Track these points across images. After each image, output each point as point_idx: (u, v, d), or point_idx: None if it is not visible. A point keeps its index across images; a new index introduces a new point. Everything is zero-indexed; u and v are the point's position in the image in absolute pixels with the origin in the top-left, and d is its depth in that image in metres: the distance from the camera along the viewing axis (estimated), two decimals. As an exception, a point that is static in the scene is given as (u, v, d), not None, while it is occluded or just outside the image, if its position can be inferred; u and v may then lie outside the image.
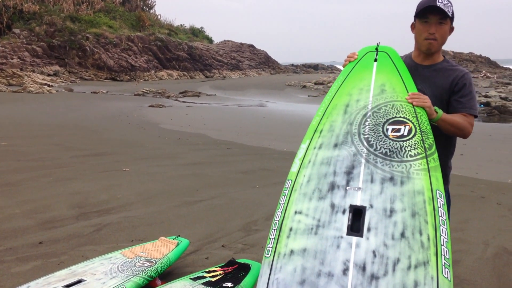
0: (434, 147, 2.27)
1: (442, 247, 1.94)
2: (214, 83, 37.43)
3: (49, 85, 28.65)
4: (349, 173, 2.21)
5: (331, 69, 62.47)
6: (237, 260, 3.53)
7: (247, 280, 3.16)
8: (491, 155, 9.69)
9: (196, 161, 8.41)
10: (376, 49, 2.65)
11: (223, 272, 3.34)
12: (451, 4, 2.53)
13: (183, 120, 15.03)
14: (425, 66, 2.65)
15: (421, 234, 1.96)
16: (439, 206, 2.06)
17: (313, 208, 2.13)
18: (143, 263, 3.33)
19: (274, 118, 16.68)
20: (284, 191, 2.26)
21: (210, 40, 56.36)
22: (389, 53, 2.64)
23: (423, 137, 2.28)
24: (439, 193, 2.10)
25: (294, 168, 2.33)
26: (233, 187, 6.56)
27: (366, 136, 2.32)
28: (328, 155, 2.30)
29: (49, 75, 33.70)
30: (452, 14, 2.52)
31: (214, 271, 3.36)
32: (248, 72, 51.05)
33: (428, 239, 1.94)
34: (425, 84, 2.62)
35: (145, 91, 27.71)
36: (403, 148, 2.25)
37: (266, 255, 2.07)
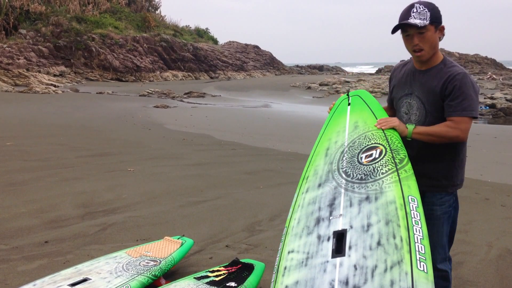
0: (406, 159, 2.43)
1: (416, 244, 2.06)
2: (219, 84, 37.49)
3: (55, 86, 28.80)
4: (332, 204, 2.41)
5: (336, 70, 62.41)
6: (240, 260, 3.55)
7: (251, 280, 3.18)
8: (496, 157, 9.67)
9: (201, 161, 8.45)
10: (348, 95, 2.91)
11: (227, 271, 3.36)
12: (427, 9, 2.46)
13: (187, 121, 15.07)
14: (422, 71, 2.62)
15: (394, 237, 2.11)
16: (411, 209, 2.20)
17: (303, 244, 2.31)
18: (147, 262, 3.36)
19: (278, 119, 16.70)
20: (282, 239, 2.45)
21: (215, 41, 56.45)
22: (361, 94, 2.91)
23: (394, 154, 2.47)
24: (411, 198, 2.25)
25: (288, 216, 2.54)
26: (237, 187, 6.58)
27: (344, 169, 2.53)
28: (314, 195, 2.52)
29: (55, 75, 33.87)
30: (432, 18, 2.44)
31: (218, 270, 3.38)
32: (253, 73, 51.08)
33: (401, 240, 2.08)
34: (420, 90, 2.61)
35: (150, 91, 27.80)
36: (375, 169, 2.44)
37: None
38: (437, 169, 2.63)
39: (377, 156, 2.49)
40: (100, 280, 3.05)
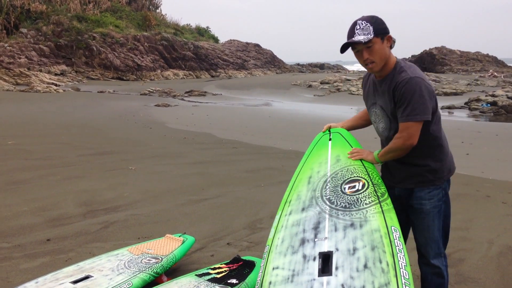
0: (386, 194, 2.65)
1: (401, 269, 2.23)
2: (219, 82, 37.48)
3: (56, 85, 28.82)
4: (316, 228, 2.57)
5: (337, 69, 62.32)
6: (242, 258, 3.57)
7: (252, 277, 3.20)
8: (497, 154, 9.66)
9: (202, 160, 8.46)
10: (329, 131, 3.15)
11: (228, 269, 3.37)
12: (369, 23, 2.52)
13: (188, 120, 15.08)
14: (379, 81, 2.70)
15: (381, 262, 2.27)
16: (395, 238, 2.39)
17: (288, 262, 2.44)
18: (149, 260, 3.38)
19: (279, 117, 16.70)
20: (264, 255, 2.57)
21: (216, 40, 56.41)
22: (341, 132, 3.13)
23: (375, 188, 2.68)
24: (394, 228, 2.45)
25: (270, 235, 2.68)
26: (238, 186, 6.59)
27: (328, 197, 2.72)
28: (297, 218, 2.69)
29: (56, 74, 33.89)
30: (375, 31, 2.51)
31: (219, 268, 3.39)
32: (253, 71, 51.05)
33: (387, 264, 2.24)
34: (381, 100, 2.71)
35: (151, 90, 27.81)
36: (359, 199, 2.64)
37: None
38: (419, 168, 2.70)
39: (360, 188, 2.70)
40: (102, 277, 3.07)
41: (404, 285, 2.15)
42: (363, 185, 2.70)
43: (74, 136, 10.95)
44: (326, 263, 2.34)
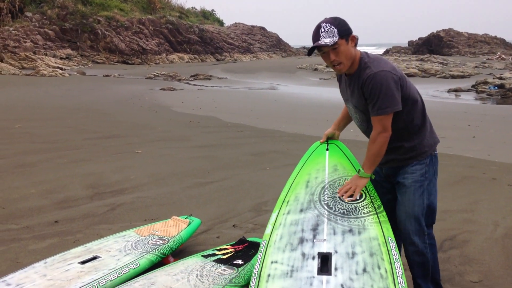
0: (382, 207, 2.76)
1: (398, 278, 2.32)
2: (225, 66, 37.36)
3: (61, 69, 28.84)
4: (315, 229, 2.65)
5: (343, 52, 61.80)
6: (247, 239, 3.60)
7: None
8: (504, 137, 9.62)
9: (207, 143, 8.48)
10: (327, 142, 3.26)
11: (233, 250, 3.41)
12: (333, 25, 2.55)
13: (194, 103, 15.08)
14: (349, 78, 2.75)
15: (379, 268, 2.36)
16: (391, 248, 2.49)
17: (287, 257, 2.51)
18: (156, 241, 3.41)
19: (285, 101, 16.67)
20: (261, 249, 2.63)
21: (221, 23, 56.09)
22: (338, 144, 3.26)
23: (372, 200, 2.81)
24: (390, 239, 2.55)
25: (268, 231, 2.74)
26: (243, 169, 6.62)
27: (326, 202, 2.82)
28: (296, 218, 2.77)
29: (61, 58, 33.90)
30: (340, 33, 2.54)
31: (225, 249, 3.43)
32: (259, 55, 50.81)
33: (386, 271, 2.35)
34: (352, 97, 2.77)
35: (157, 74, 27.78)
36: (357, 208, 2.75)
37: None
38: (398, 150, 2.76)
39: (358, 197, 2.81)
40: (109, 258, 3.11)
41: None
42: (361, 196, 2.82)
43: (80, 119, 10.99)
44: (325, 263, 2.42)
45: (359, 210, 2.73)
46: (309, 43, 2.70)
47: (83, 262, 3.02)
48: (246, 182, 5.90)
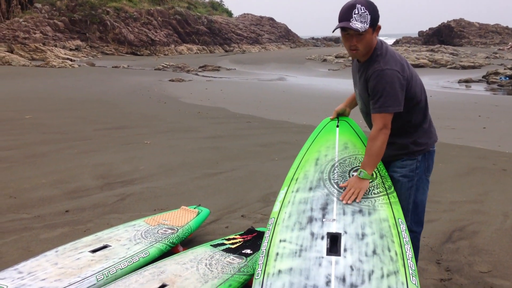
0: (392, 188, 2.70)
1: (408, 261, 2.30)
2: (233, 57, 37.29)
3: (71, 60, 28.97)
4: (324, 208, 2.60)
5: (352, 42, 61.49)
6: (256, 229, 3.62)
7: (266, 247, 3.24)
8: (515, 128, 9.53)
9: (216, 134, 8.50)
10: (338, 118, 3.18)
11: (242, 239, 3.43)
12: (368, 11, 2.45)
13: (202, 94, 15.10)
14: (360, 64, 2.69)
15: (389, 250, 2.34)
16: (402, 230, 2.46)
17: (296, 236, 2.47)
18: (165, 230, 3.44)
19: (293, 92, 16.62)
20: (269, 227, 2.58)
21: (229, 14, 55.95)
22: (348, 121, 3.17)
23: (383, 180, 2.75)
24: (400, 220, 2.51)
25: (276, 208, 2.69)
26: (252, 159, 6.63)
27: (335, 181, 2.76)
28: (305, 196, 2.71)
29: (71, 49, 34.04)
30: (371, 21, 2.45)
31: (233, 238, 3.45)
32: (268, 46, 50.64)
33: (396, 254, 2.32)
34: (358, 83, 2.72)
35: (165, 65, 27.81)
36: (368, 188, 2.67)
37: (256, 277, 2.32)
38: (393, 146, 2.71)
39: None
40: (120, 247, 3.14)
41: (411, 276, 2.21)
42: (372, 175, 2.72)
43: (90, 110, 11.06)
44: (334, 243, 2.39)
45: (370, 190, 2.66)
46: (318, 34, 2.69)
47: (93, 251, 3.06)
48: (255, 173, 5.91)
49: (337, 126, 3.14)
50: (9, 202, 4.62)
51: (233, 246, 3.28)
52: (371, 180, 2.68)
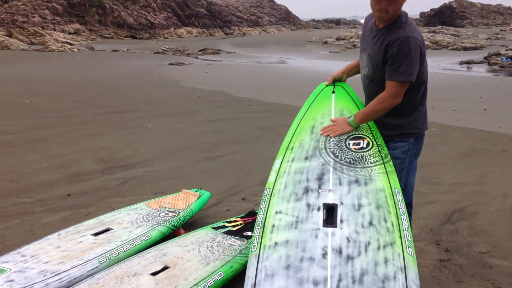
0: (389, 156, 2.68)
1: (404, 231, 2.29)
2: (233, 40, 37.07)
3: (70, 44, 28.81)
4: (320, 179, 2.57)
5: (354, 24, 61.04)
6: (257, 211, 3.64)
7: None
8: (516, 110, 9.51)
9: (216, 117, 8.49)
10: (333, 84, 3.10)
11: (243, 222, 3.45)
12: None
13: (203, 78, 15.04)
14: (378, 29, 2.63)
15: (386, 221, 2.32)
16: (398, 200, 2.44)
17: (291, 208, 2.44)
18: (167, 214, 3.46)
19: (294, 74, 16.56)
20: (264, 198, 2.56)
21: (229, -4, 55.32)
22: (344, 87, 3.09)
23: (379, 149, 2.70)
24: (397, 190, 2.49)
25: (271, 179, 2.66)
26: (253, 143, 6.63)
27: (331, 150, 2.72)
28: (300, 166, 2.68)
29: (70, 33, 33.82)
30: None
31: (235, 221, 3.47)
32: (268, 28, 50.28)
33: (392, 225, 2.31)
34: (371, 48, 2.66)
35: (165, 49, 27.66)
36: (363, 157, 2.66)
37: (252, 249, 2.30)
38: (387, 126, 2.73)
39: (364, 146, 2.71)
40: (122, 230, 3.17)
41: (407, 247, 2.21)
42: (368, 144, 2.71)
43: (90, 94, 11.04)
44: (330, 214, 2.37)
45: (366, 159, 2.63)
46: (318, 16, 2.64)
47: (96, 234, 3.09)
48: (255, 156, 5.92)
49: (333, 92, 3.07)
50: (11, 186, 4.64)
51: (234, 229, 3.30)
52: (354, 128, 2.75)
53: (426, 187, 4.62)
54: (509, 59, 20.45)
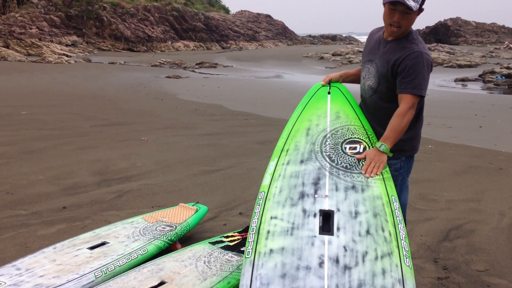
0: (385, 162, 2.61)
1: (402, 241, 2.25)
2: (230, 54, 37.24)
3: (67, 55, 28.85)
4: (316, 183, 2.52)
5: (349, 40, 61.54)
6: (248, 231, 3.61)
7: (264, 245, 3.24)
8: (511, 127, 9.56)
9: (213, 131, 8.49)
10: (329, 84, 3.04)
11: (240, 237, 3.43)
12: None
13: (199, 91, 15.07)
14: (387, 41, 2.64)
15: (383, 230, 2.28)
16: (395, 208, 2.40)
17: (287, 213, 2.38)
18: (163, 228, 3.44)
19: (291, 89, 16.62)
20: (259, 201, 2.49)
21: (226, 10, 55.84)
22: (340, 87, 3.03)
23: None
24: (394, 198, 2.45)
25: (266, 182, 2.59)
26: (249, 157, 6.63)
27: (327, 153, 2.67)
28: (296, 169, 2.62)
29: (67, 45, 33.89)
30: (422, 2, 2.46)
31: (232, 236, 3.45)
32: (265, 43, 50.59)
33: (390, 234, 2.27)
34: (380, 59, 2.65)
35: (162, 62, 27.74)
36: (360, 162, 2.61)
37: (247, 256, 2.24)
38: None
39: (361, 150, 2.66)
40: (118, 244, 3.14)
41: (405, 257, 2.17)
42: (364, 149, 2.66)
43: (86, 106, 11.02)
44: (326, 221, 2.31)
45: (362, 164, 2.58)
46: (315, 32, 2.64)
47: (91, 248, 3.06)
48: (252, 170, 5.91)
49: (329, 93, 3.02)
50: (6, 198, 4.60)
51: (231, 244, 3.28)
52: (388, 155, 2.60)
53: (423, 204, 4.62)
54: (503, 77, 20.64)
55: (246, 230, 3.58)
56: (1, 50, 26.68)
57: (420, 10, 2.50)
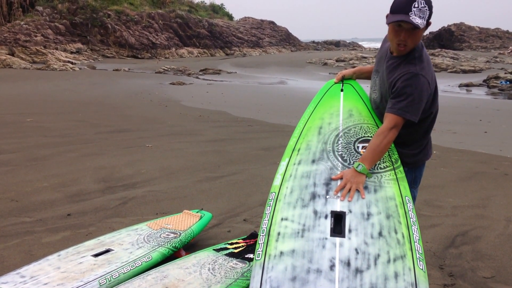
0: (399, 161, 2.56)
1: (415, 243, 2.20)
2: (234, 60, 37.31)
3: (72, 63, 28.98)
4: (328, 184, 2.47)
5: (353, 46, 61.58)
6: (258, 233, 3.60)
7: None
8: (516, 133, 9.52)
9: (217, 138, 8.49)
10: (342, 82, 2.97)
11: (245, 244, 3.42)
12: (427, 6, 2.32)
13: (203, 98, 15.09)
14: (391, 57, 2.55)
15: (396, 232, 2.23)
16: (409, 209, 2.34)
17: (298, 215, 2.35)
18: (168, 235, 3.43)
19: (294, 95, 16.62)
20: (269, 202, 2.47)
21: (230, 17, 56.01)
22: (353, 84, 2.97)
23: (389, 153, 2.59)
24: (407, 199, 2.39)
25: (277, 182, 2.57)
26: (254, 163, 6.62)
27: (340, 153, 2.62)
28: (308, 169, 2.57)
29: (71, 52, 34.06)
30: (428, 18, 2.35)
31: (236, 243, 3.44)
32: (268, 49, 50.68)
33: (403, 236, 2.22)
34: (381, 75, 2.60)
35: (166, 68, 27.82)
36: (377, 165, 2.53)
37: (257, 258, 2.22)
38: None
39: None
40: (122, 251, 3.13)
41: (418, 260, 2.13)
42: None
43: (91, 113, 11.06)
44: (338, 223, 2.27)
45: (376, 164, 2.51)
46: (318, 38, 2.60)
47: (96, 255, 3.05)
48: (257, 177, 5.90)
49: (342, 90, 2.94)
50: (10, 205, 4.61)
51: (236, 251, 3.27)
52: (366, 175, 2.48)
53: (429, 210, 4.60)
54: (508, 82, 20.57)
55: (250, 237, 3.57)
56: (7, 58, 26.85)
57: (428, 24, 2.39)
